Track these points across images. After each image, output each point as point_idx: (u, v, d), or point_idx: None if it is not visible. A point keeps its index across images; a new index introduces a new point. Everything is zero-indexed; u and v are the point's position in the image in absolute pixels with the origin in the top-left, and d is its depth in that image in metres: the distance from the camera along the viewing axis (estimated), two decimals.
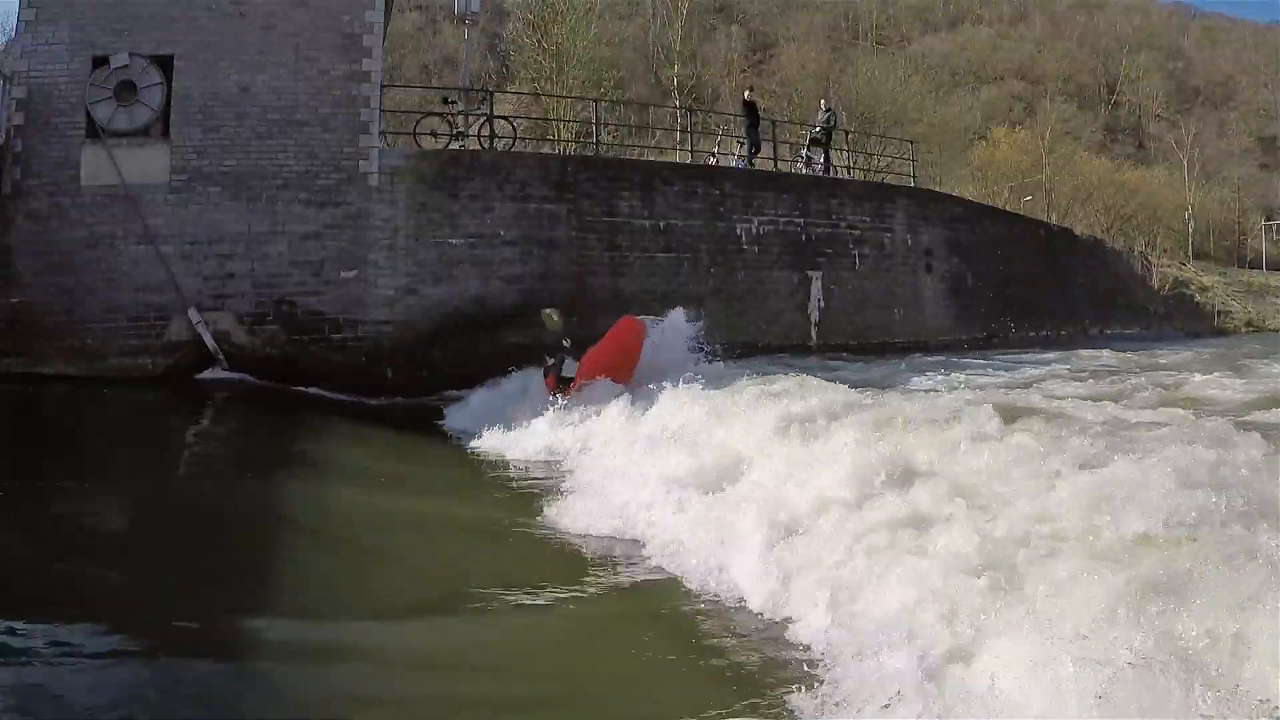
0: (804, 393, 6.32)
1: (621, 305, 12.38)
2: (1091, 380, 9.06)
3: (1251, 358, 11.41)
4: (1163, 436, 4.01)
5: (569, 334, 10.37)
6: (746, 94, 16.76)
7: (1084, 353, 13.66)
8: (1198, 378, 8.71)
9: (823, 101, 18.73)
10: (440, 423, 9.46)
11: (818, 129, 16.55)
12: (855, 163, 18.68)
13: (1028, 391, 7.57)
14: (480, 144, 13.05)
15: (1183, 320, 26.83)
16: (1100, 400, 6.21)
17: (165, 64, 10.84)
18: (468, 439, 8.48)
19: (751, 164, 15.49)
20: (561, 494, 5.88)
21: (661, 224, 12.91)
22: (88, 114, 10.63)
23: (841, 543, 3.68)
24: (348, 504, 5.93)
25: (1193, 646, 2.36)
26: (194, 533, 4.80)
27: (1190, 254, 41.33)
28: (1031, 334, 17.66)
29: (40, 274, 10.44)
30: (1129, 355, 13.38)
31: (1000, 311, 17.22)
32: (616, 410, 7.50)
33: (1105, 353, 13.61)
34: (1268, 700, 2.19)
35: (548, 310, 9.93)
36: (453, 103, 13.78)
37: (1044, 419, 4.85)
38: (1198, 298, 30.41)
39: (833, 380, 7.36)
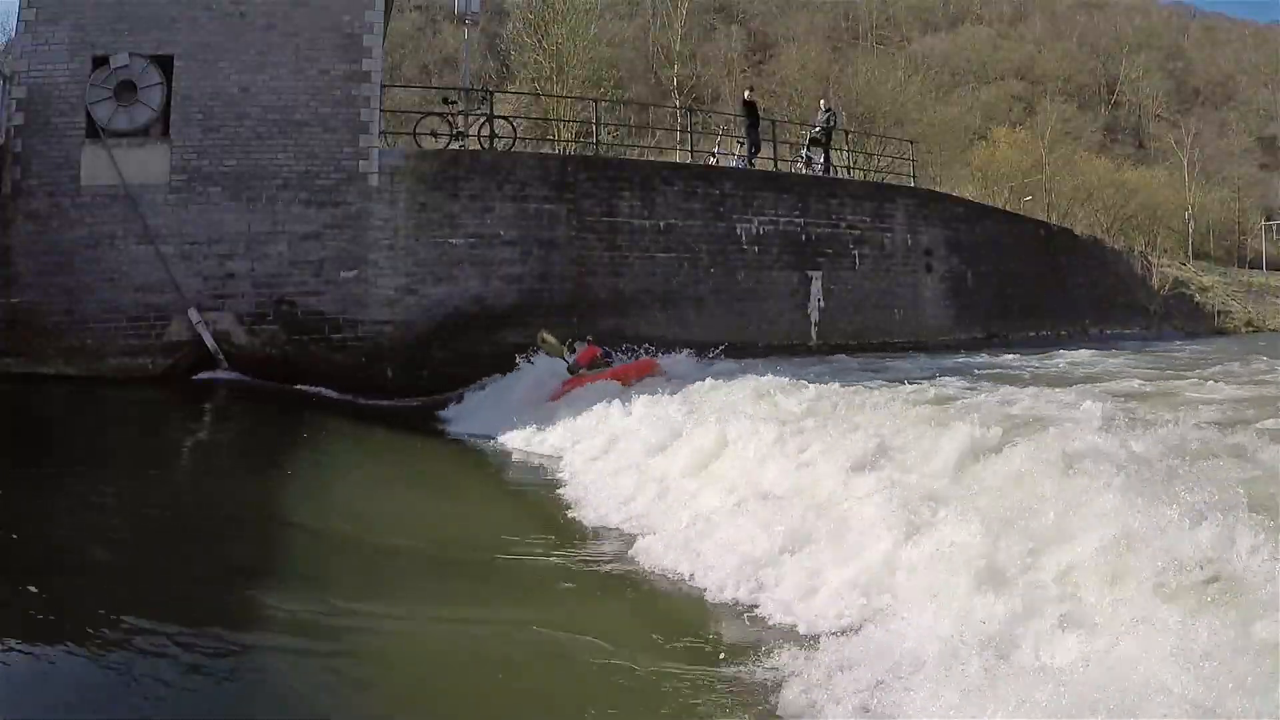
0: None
1: (621, 305, 12.41)
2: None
3: None
4: None
5: (569, 335, 10.45)
6: (746, 94, 16.74)
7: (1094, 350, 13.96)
8: None
9: (822, 101, 18.69)
10: (438, 423, 9.49)
11: (817, 129, 16.55)
12: (855, 163, 18.66)
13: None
14: (480, 144, 13.05)
15: (1182, 320, 26.84)
16: None
17: (165, 64, 10.84)
18: (464, 437, 8.49)
19: (751, 164, 15.48)
20: (557, 491, 5.89)
21: (661, 224, 12.91)
22: (88, 114, 10.63)
23: None
24: (346, 503, 5.93)
25: None
26: (192, 533, 4.80)
27: (1190, 254, 41.34)
28: (1031, 334, 17.67)
29: (40, 274, 10.44)
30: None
31: (1000, 311, 17.23)
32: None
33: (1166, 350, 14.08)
34: None
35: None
36: (453, 103, 13.77)
37: None
38: (1197, 298, 30.42)
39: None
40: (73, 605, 3.53)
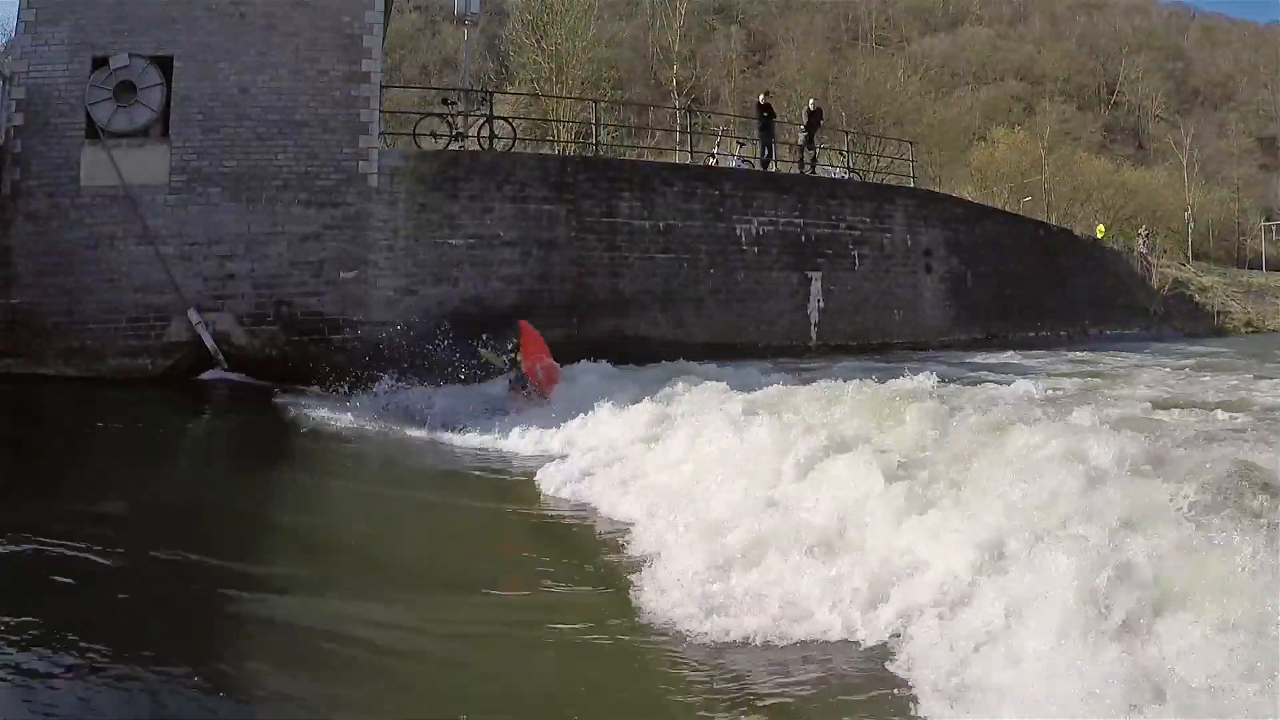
0: None
1: (621, 305, 12.43)
2: None
3: None
4: None
5: (568, 335, 10.46)
6: (762, 97, 16.72)
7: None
8: None
9: (811, 101, 18.58)
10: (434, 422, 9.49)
11: (804, 126, 16.59)
12: (855, 163, 18.66)
13: None
14: (480, 145, 13.07)
15: (1182, 320, 26.83)
16: None
17: (165, 65, 10.85)
18: (460, 437, 8.51)
19: (765, 167, 15.50)
20: (547, 489, 5.92)
21: (661, 225, 12.93)
22: (87, 115, 10.64)
23: None
24: (340, 506, 5.94)
25: None
26: (188, 536, 4.79)
27: (1190, 254, 41.28)
28: (1031, 334, 17.68)
29: (40, 275, 10.45)
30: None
31: (1000, 312, 17.24)
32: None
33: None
34: None
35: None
36: (452, 103, 13.80)
37: None
38: (1197, 298, 30.38)
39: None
40: (67, 608, 3.52)
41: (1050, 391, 7.96)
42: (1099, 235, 28.03)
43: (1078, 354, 14.43)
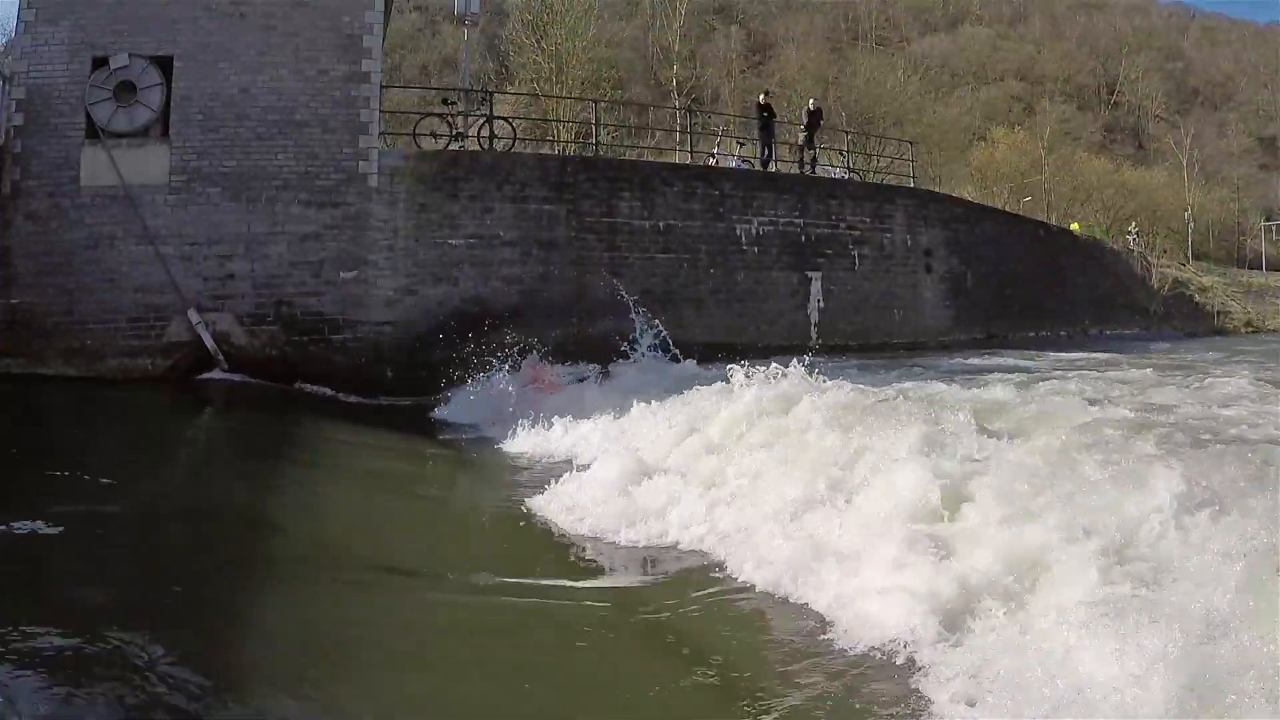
0: None
1: (621, 306, 12.40)
2: None
3: None
4: None
5: (568, 335, 10.51)
6: (762, 97, 16.72)
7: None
8: None
9: (811, 101, 18.56)
10: (434, 421, 9.54)
11: (804, 126, 16.59)
12: (855, 163, 18.65)
13: None
14: (480, 145, 13.07)
15: (1182, 320, 26.85)
16: None
17: (165, 65, 10.84)
18: (461, 437, 8.54)
19: (765, 167, 15.51)
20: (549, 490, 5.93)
21: (661, 225, 12.92)
22: (87, 115, 10.63)
23: None
24: (341, 507, 5.94)
25: None
26: (188, 537, 4.79)
27: (1190, 254, 41.29)
28: (1031, 334, 17.68)
29: (40, 274, 10.44)
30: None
31: (1000, 312, 17.24)
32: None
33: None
34: None
35: None
36: (452, 103, 13.79)
37: None
38: (1197, 298, 30.40)
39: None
40: (65, 608, 3.52)
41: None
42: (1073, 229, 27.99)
43: (1103, 354, 14.28)
